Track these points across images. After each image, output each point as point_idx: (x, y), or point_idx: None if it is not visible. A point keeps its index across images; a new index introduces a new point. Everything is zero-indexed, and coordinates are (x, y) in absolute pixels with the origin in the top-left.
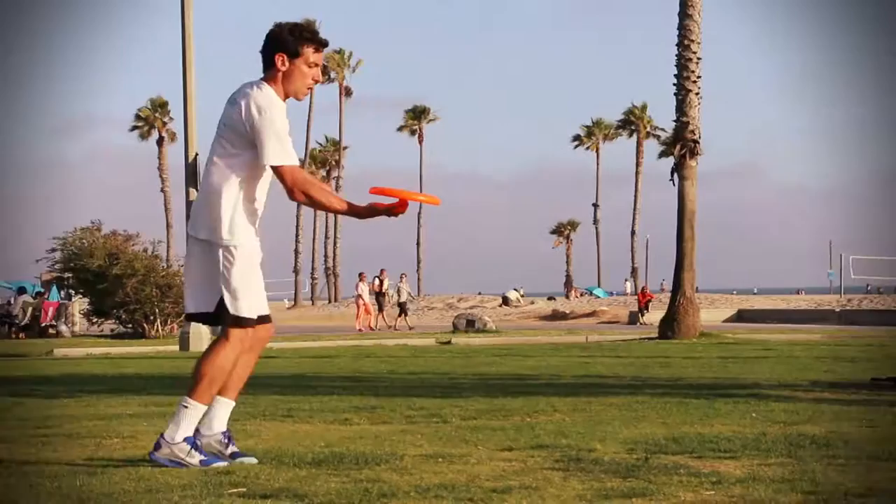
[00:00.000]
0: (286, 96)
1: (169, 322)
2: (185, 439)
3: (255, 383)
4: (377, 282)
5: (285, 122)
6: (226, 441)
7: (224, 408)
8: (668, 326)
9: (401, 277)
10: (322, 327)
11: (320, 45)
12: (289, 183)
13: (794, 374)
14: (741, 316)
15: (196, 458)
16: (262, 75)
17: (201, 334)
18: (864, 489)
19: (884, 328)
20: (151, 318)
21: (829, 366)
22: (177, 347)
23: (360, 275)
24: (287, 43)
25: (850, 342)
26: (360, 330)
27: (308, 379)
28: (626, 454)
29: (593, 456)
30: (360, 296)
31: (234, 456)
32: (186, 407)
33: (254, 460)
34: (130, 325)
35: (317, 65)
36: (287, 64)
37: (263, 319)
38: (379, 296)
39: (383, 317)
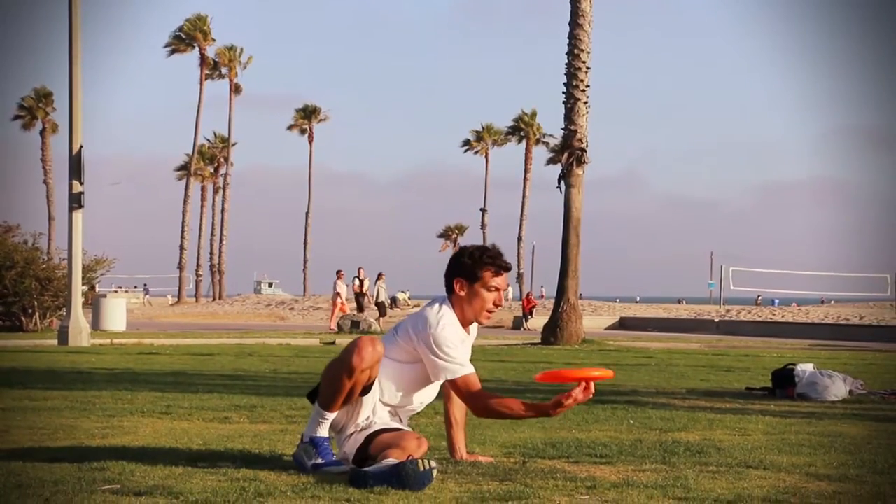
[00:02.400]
0: (466, 321)
1: (48, 315)
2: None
3: (135, 379)
4: (357, 282)
5: (461, 345)
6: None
7: None
8: (551, 332)
9: (378, 277)
10: (205, 325)
11: (501, 269)
12: (465, 399)
13: (671, 382)
14: (623, 323)
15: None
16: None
17: (80, 330)
18: (734, 496)
19: (760, 339)
20: (30, 311)
21: (705, 375)
22: (55, 342)
23: (338, 272)
24: (465, 268)
25: (727, 352)
26: (332, 329)
27: (189, 376)
28: (504, 458)
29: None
30: (338, 294)
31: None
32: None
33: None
34: (7, 319)
35: (497, 288)
36: (465, 290)
37: None
38: (359, 296)
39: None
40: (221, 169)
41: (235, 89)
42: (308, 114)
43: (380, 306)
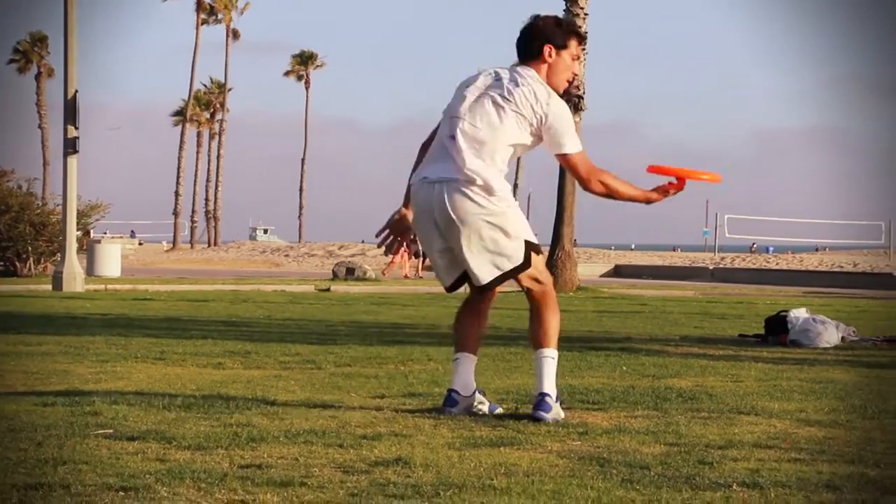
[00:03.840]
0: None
1: (42, 261)
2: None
3: (129, 324)
4: None
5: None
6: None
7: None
8: None
9: None
10: (201, 271)
11: (582, 39)
12: (583, 173)
13: (665, 329)
14: (618, 271)
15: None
16: (517, 62)
17: (75, 275)
18: (725, 441)
19: (754, 286)
20: (24, 256)
21: (698, 322)
22: (50, 287)
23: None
24: (556, 35)
25: (721, 299)
26: (406, 276)
27: (183, 322)
28: (498, 403)
29: None
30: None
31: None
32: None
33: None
34: (2, 263)
35: (578, 58)
36: (554, 56)
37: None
38: (413, 242)
39: (415, 265)
40: (217, 115)
41: (233, 34)
42: (304, 60)
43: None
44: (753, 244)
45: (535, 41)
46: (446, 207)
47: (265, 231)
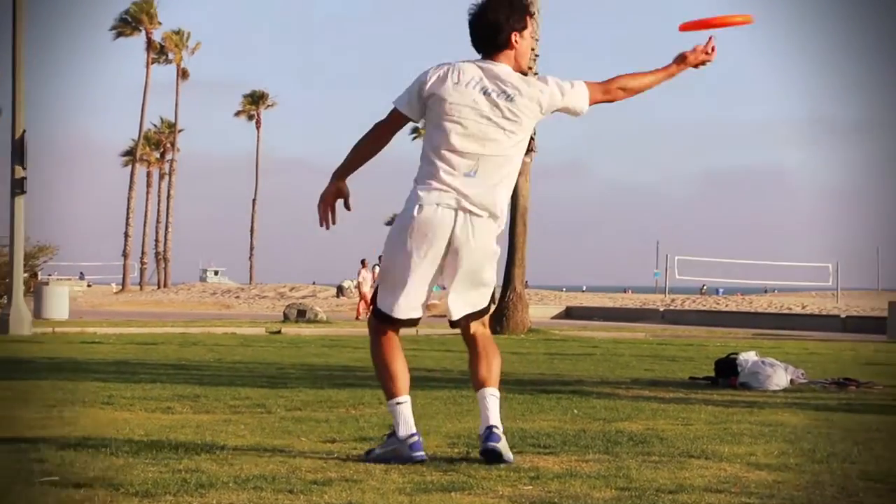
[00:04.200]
0: (519, 71)
1: None
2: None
3: (77, 368)
4: (377, 269)
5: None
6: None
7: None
8: (497, 321)
9: None
10: (150, 313)
11: (531, 12)
12: (601, 98)
13: (616, 371)
14: (569, 313)
15: None
16: (478, 57)
17: (22, 318)
18: (675, 486)
19: (704, 328)
20: None
21: (649, 364)
22: None
23: (363, 262)
24: (515, 19)
25: (671, 341)
26: (358, 318)
27: (132, 366)
28: (448, 448)
29: None
30: (360, 283)
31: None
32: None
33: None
34: None
35: (533, 33)
36: (519, 40)
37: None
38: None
39: None
40: (167, 155)
41: (182, 74)
42: (255, 100)
43: None
44: (703, 286)
45: (501, 32)
46: (469, 239)
47: (216, 272)
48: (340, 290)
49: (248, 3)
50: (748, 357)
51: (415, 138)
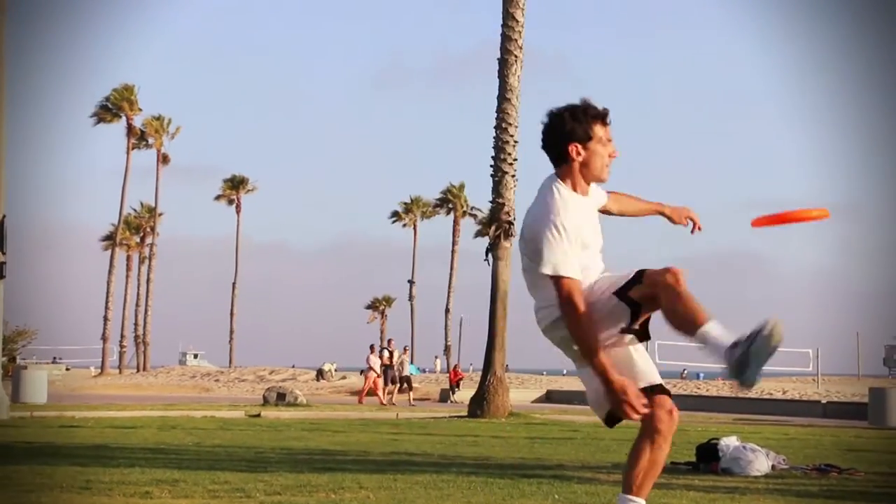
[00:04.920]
0: (587, 183)
1: None
2: None
3: (55, 453)
4: (386, 354)
5: (576, 226)
6: None
7: None
8: (478, 405)
9: (403, 350)
10: (129, 396)
11: (605, 118)
12: (561, 297)
13: (597, 455)
14: (550, 396)
15: None
16: (553, 171)
17: (0, 402)
18: None
19: (685, 412)
20: None
21: (630, 448)
22: None
23: (371, 347)
24: (575, 130)
25: None
26: (383, 403)
27: (110, 450)
28: None
29: None
30: (370, 368)
31: None
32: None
33: None
34: None
35: (609, 140)
36: (583, 152)
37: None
38: (388, 368)
39: (391, 391)
40: (147, 239)
41: (163, 159)
42: (236, 184)
43: (405, 380)
44: (684, 370)
45: (557, 145)
46: None
47: (195, 356)
48: (321, 374)
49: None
50: (729, 442)
51: (394, 221)
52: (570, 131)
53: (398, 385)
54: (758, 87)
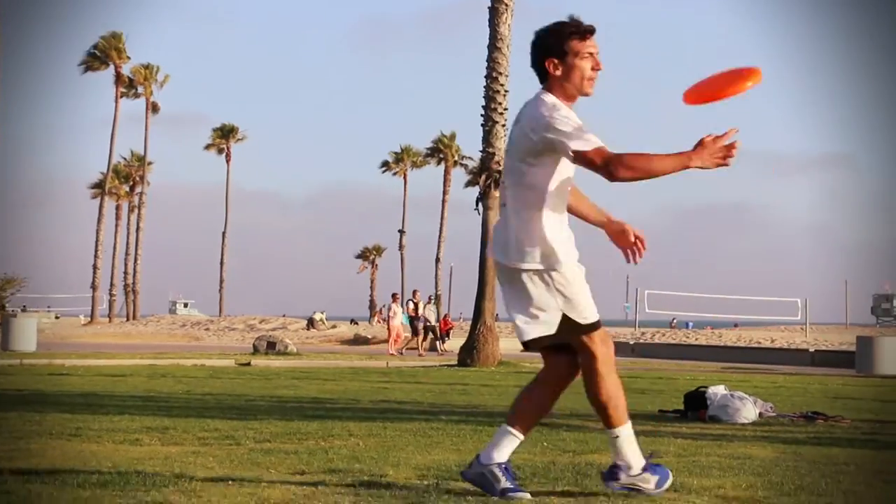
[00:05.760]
0: (572, 98)
1: None
2: (644, 468)
3: (44, 401)
4: (411, 305)
5: (576, 118)
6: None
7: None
8: (468, 354)
9: (428, 300)
10: (119, 345)
11: (585, 33)
12: (600, 163)
13: (585, 404)
14: None
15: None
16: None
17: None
18: None
19: (674, 361)
20: None
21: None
22: None
23: (394, 296)
24: (551, 46)
25: (641, 374)
26: (391, 353)
27: (100, 398)
28: (418, 480)
29: (385, 481)
30: (391, 317)
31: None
32: (617, 437)
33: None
34: None
35: (590, 53)
36: (560, 67)
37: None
38: (414, 320)
39: (418, 341)
40: (137, 188)
41: (152, 108)
42: (225, 133)
43: (432, 329)
44: (673, 319)
45: (536, 62)
46: None
47: (185, 305)
48: (311, 323)
49: (218, 38)
50: (717, 390)
51: (384, 171)
52: (547, 46)
53: (423, 335)
54: (751, 37)
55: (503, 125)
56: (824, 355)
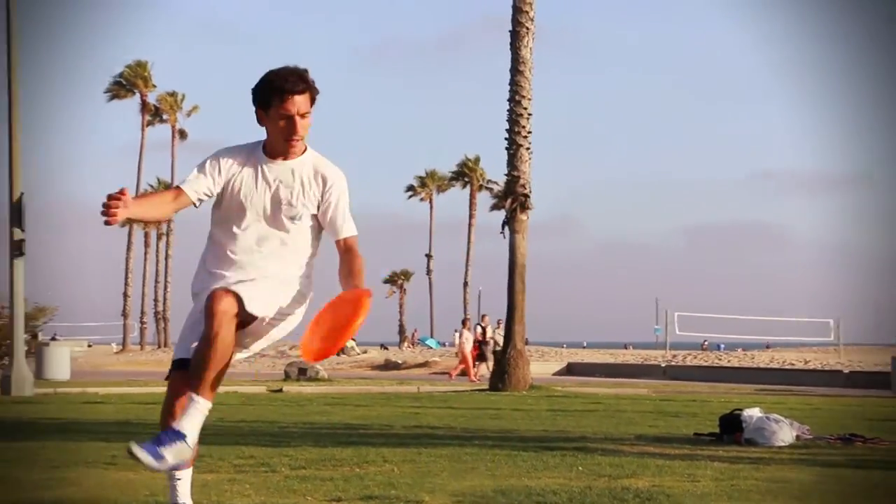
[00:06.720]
0: (277, 152)
1: None
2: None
3: (80, 429)
4: (479, 329)
5: (213, 161)
6: None
7: None
8: (499, 379)
9: (497, 324)
10: (151, 372)
11: (286, 92)
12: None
13: (620, 427)
14: (571, 369)
15: None
16: None
17: (24, 379)
18: None
19: (706, 384)
20: None
21: (653, 420)
22: None
23: (464, 321)
24: (257, 96)
25: (674, 397)
26: (472, 380)
27: (134, 426)
28: None
29: None
30: (463, 343)
31: None
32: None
33: None
34: None
35: (290, 116)
36: (263, 119)
37: None
38: (482, 344)
39: (486, 367)
40: None
41: (180, 134)
42: None
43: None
44: (705, 341)
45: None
46: None
47: None
48: (342, 349)
49: (243, 62)
50: (752, 413)
51: (410, 196)
52: (254, 94)
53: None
54: (765, 57)
55: (528, 148)
56: (859, 376)
